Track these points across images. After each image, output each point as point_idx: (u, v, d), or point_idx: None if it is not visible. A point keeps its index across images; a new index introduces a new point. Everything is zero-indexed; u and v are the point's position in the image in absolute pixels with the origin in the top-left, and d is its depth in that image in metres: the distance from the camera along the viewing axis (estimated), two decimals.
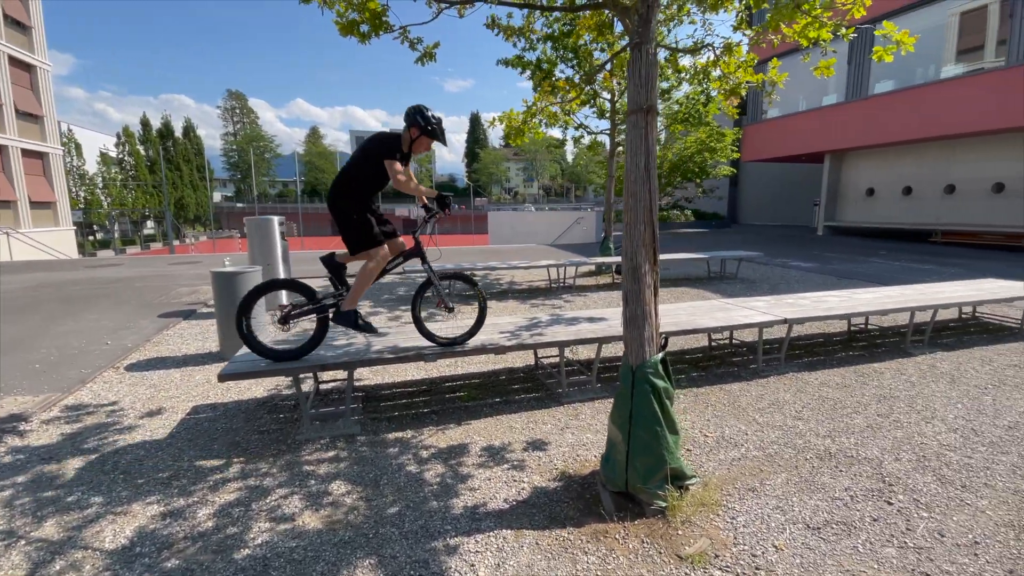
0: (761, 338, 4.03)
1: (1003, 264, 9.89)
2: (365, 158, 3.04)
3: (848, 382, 3.77)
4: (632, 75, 2.14)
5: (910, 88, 12.86)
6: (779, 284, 7.93)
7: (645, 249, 2.21)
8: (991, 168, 12.27)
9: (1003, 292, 5.03)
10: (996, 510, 2.24)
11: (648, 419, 2.19)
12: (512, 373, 4.08)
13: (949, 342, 4.73)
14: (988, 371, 3.98)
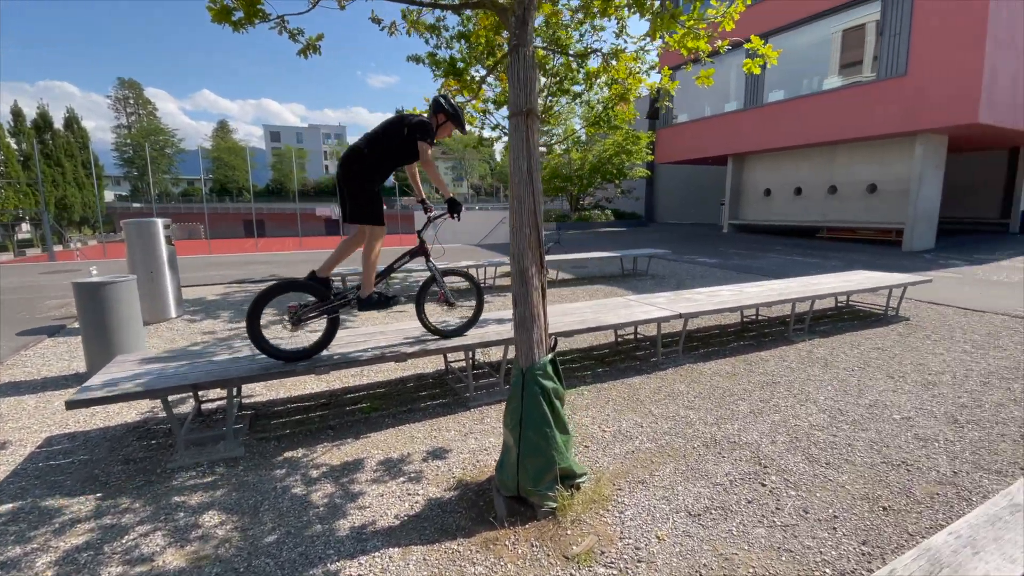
0: (660, 333, 4.22)
1: (875, 256, 11.17)
2: (399, 135, 3.05)
3: (737, 370, 4.05)
4: (511, 77, 2.12)
5: (797, 98, 14.16)
6: (685, 279, 8.41)
7: (531, 252, 2.20)
8: (866, 171, 13.81)
9: (870, 282, 5.64)
10: (854, 484, 2.47)
11: (538, 420, 2.18)
12: (421, 379, 3.97)
13: (826, 329, 5.23)
14: (856, 354, 4.43)
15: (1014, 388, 3.61)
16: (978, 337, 4.88)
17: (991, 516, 1.50)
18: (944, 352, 4.44)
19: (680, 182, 24.41)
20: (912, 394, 3.53)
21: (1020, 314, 5.76)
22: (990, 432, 2.96)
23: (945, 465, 2.61)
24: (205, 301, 7.19)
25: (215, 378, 2.76)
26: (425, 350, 3.28)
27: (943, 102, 10.84)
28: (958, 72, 10.52)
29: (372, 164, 3.04)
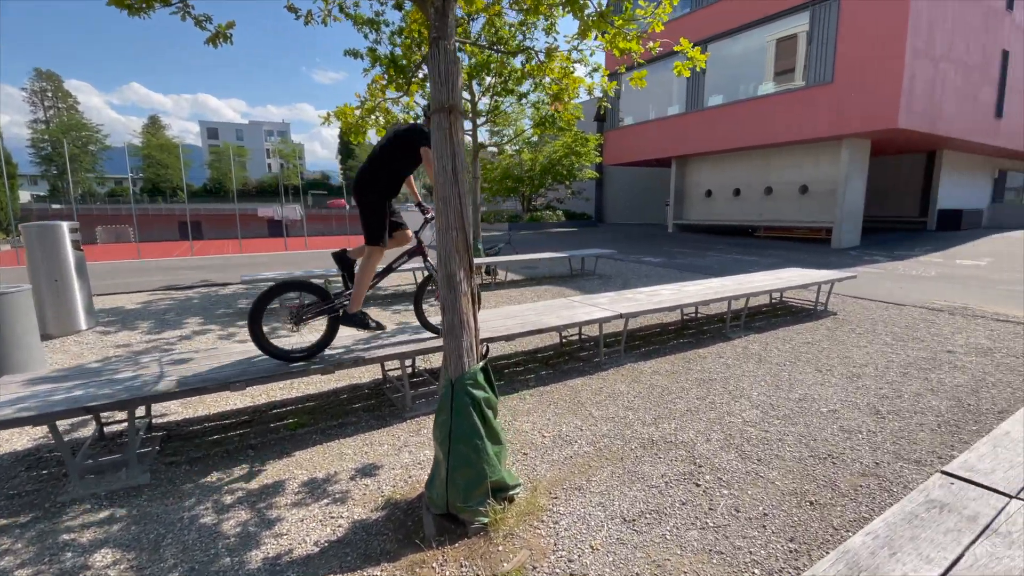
0: (602, 333, 4.22)
1: (807, 254, 11.80)
2: (402, 148, 3.15)
3: (676, 368, 4.10)
4: (432, 72, 2.01)
5: (735, 103, 14.79)
6: (631, 279, 8.55)
7: (459, 255, 2.10)
8: (798, 173, 14.60)
9: (801, 279, 5.90)
10: (783, 479, 2.51)
11: (468, 432, 2.08)
12: (356, 390, 3.77)
13: (761, 325, 5.42)
14: (788, 349, 4.60)
15: (931, 378, 3.84)
16: (898, 329, 5.20)
17: (908, 514, 1.53)
18: (867, 345, 4.68)
19: (628, 183, 25.00)
20: (838, 387, 3.68)
21: (936, 307, 6.19)
22: (909, 422, 3.12)
23: (868, 456, 2.71)
24: (123, 311, 6.62)
25: (114, 399, 2.48)
26: (356, 359, 3.11)
27: (866, 108, 11.59)
28: (880, 80, 11.28)
29: (384, 183, 3.17)
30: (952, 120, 12.71)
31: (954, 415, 3.19)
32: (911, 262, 10.28)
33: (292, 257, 13.77)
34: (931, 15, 11.31)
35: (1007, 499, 1.58)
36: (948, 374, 3.90)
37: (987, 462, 1.80)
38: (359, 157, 67.81)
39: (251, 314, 2.84)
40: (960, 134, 13.21)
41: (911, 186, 17.32)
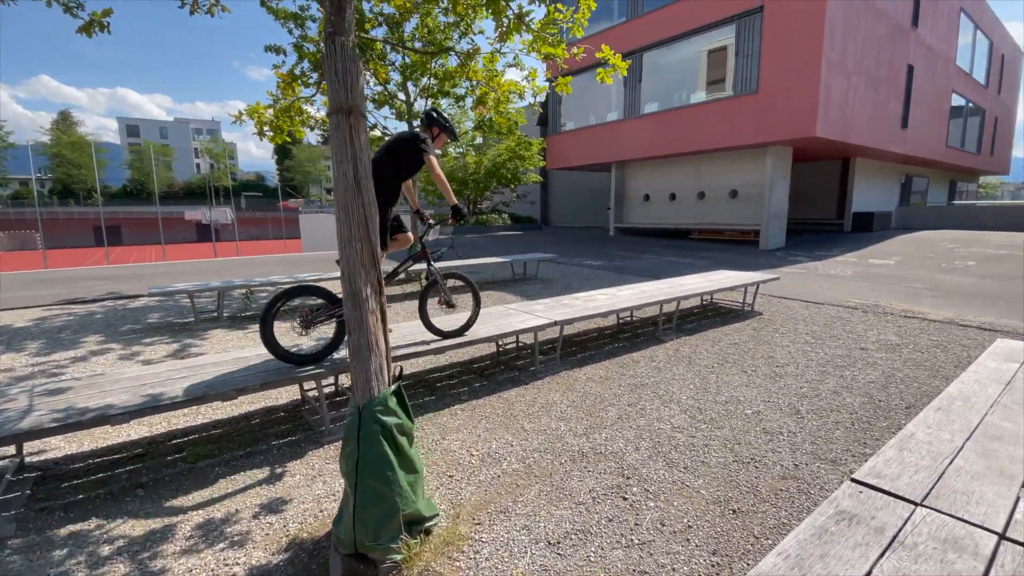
0: (537, 341, 4.15)
1: (737, 255, 12.37)
2: (403, 155, 3.32)
3: (610, 374, 4.09)
4: (328, 70, 1.84)
5: (669, 110, 15.33)
6: (572, 282, 8.60)
7: (365, 270, 1.93)
8: (729, 178, 15.32)
9: (729, 282, 6.11)
10: (708, 488, 2.51)
11: (378, 463, 1.91)
12: (270, 414, 3.49)
13: (692, 327, 5.56)
14: (716, 351, 4.72)
15: (846, 376, 4.03)
16: (817, 328, 5.47)
17: (818, 528, 1.52)
18: (789, 344, 4.89)
19: (572, 187, 25.41)
20: (762, 387, 3.79)
21: (851, 305, 6.60)
22: (826, 420, 3.23)
23: (788, 458, 2.77)
24: (11, 329, 5.87)
25: None
26: (265, 383, 2.85)
27: (788, 118, 12.32)
28: (799, 91, 12.02)
29: (386, 188, 3.24)
30: (863, 130, 13.76)
31: (866, 412, 3.35)
32: (830, 262, 10.98)
33: (220, 265, 12.87)
34: (844, 31, 12.18)
35: (912, 507, 1.61)
36: (861, 371, 4.12)
37: (894, 467, 1.85)
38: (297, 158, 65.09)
39: (262, 319, 2.92)
40: (871, 143, 14.33)
41: (829, 190, 18.63)
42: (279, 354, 3.00)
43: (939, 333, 5.21)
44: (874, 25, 13.39)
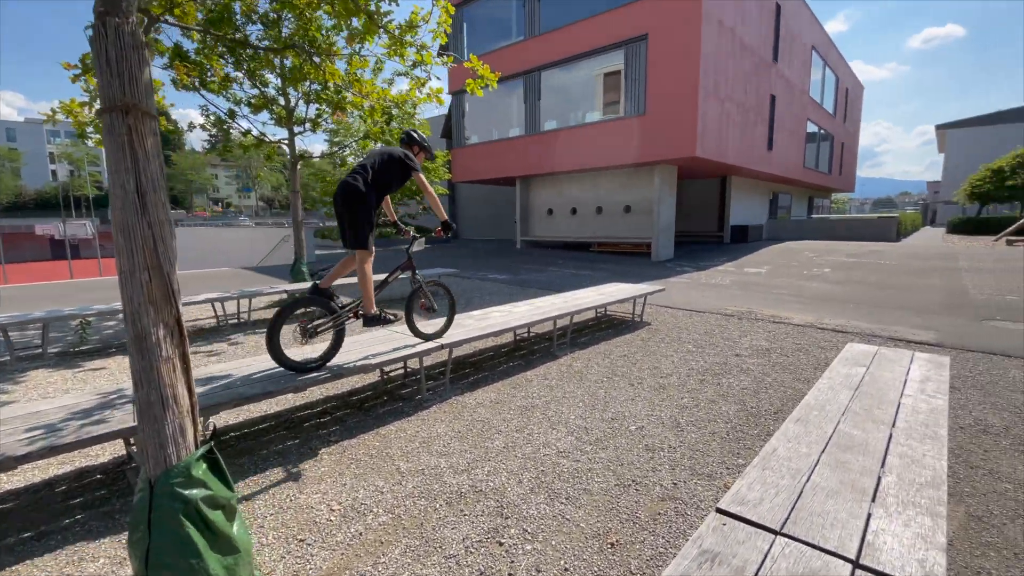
0: (423, 367, 3.86)
1: (631, 267, 12.99)
2: (393, 169, 3.50)
3: (502, 397, 3.91)
4: (97, 59, 1.44)
5: (567, 128, 15.88)
6: (473, 297, 8.41)
7: (155, 307, 1.53)
8: (623, 194, 16.16)
9: (620, 294, 6.25)
10: (588, 519, 2.37)
11: (177, 550, 1.51)
12: (84, 477, 2.83)
13: (585, 340, 5.58)
14: (606, 364, 4.73)
15: (722, 383, 4.20)
16: (698, 336, 5.75)
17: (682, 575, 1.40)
18: (673, 354, 5.05)
19: (482, 200, 25.44)
20: (647, 400, 3.82)
21: (728, 312, 7.07)
22: (704, 432, 3.29)
23: (667, 477, 2.74)
24: None
25: None
26: (76, 441, 2.27)
27: (671, 139, 13.25)
28: (681, 115, 12.98)
29: (375, 197, 3.43)
30: (736, 151, 15.22)
31: (740, 420, 3.47)
32: (712, 271, 11.88)
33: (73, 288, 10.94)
34: (716, 62, 13.41)
35: (772, 536, 1.56)
36: (736, 378, 4.33)
37: (756, 490, 1.81)
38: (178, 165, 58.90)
39: (268, 332, 3.05)
40: (743, 163, 15.88)
41: (711, 206, 20.42)
42: (284, 364, 3.16)
43: (801, 337, 5.70)
44: (741, 59, 14.93)
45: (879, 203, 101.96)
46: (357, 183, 3.34)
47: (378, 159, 3.48)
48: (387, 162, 3.50)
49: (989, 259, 12.02)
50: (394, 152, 3.56)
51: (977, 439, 3.16)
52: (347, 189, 3.33)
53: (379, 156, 3.51)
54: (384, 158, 3.51)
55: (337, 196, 3.37)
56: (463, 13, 18.51)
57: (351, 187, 3.33)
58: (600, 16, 14.43)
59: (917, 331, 5.89)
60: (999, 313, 6.80)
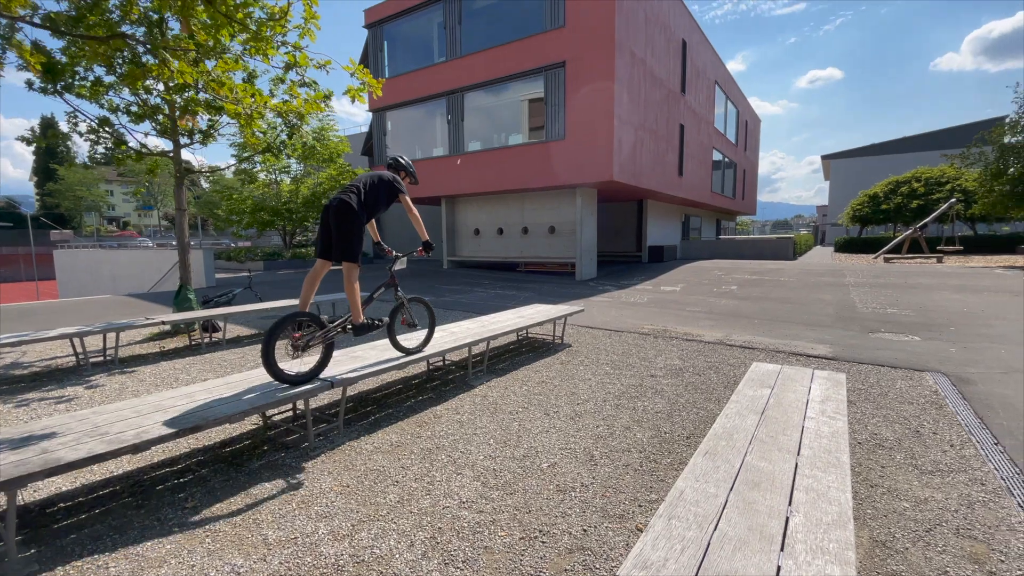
0: (309, 409, 3.39)
1: (556, 286, 13.06)
2: (383, 191, 3.76)
3: (404, 439, 3.52)
4: None
5: (491, 150, 15.90)
6: None
7: None
8: (547, 215, 16.37)
9: (539, 316, 6.09)
10: None
11: None
12: None
13: (504, 366, 5.32)
14: (523, 392, 4.49)
15: (637, 408, 4.08)
16: (616, 357, 5.69)
17: None
18: (591, 376, 4.92)
19: (403, 220, 24.81)
20: (561, 431, 3.60)
21: (644, 331, 7.14)
22: (617, 465, 3.10)
23: (577, 523, 2.50)
24: None
25: None
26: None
27: (590, 163, 13.61)
28: (598, 140, 13.39)
29: (366, 215, 3.62)
30: (650, 176, 15.96)
31: (654, 448, 3.33)
32: (631, 290, 12.19)
33: None
34: (630, 91, 14.05)
35: None
36: (651, 400, 4.24)
37: (661, 548, 1.59)
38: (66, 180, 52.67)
39: (264, 347, 3.16)
40: (656, 187, 16.69)
41: (630, 227, 21.28)
42: (279, 376, 3.28)
43: (712, 354, 5.82)
44: (653, 90, 15.81)
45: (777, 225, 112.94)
46: (351, 201, 3.51)
47: (368, 181, 3.71)
48: (377, 184, 3.73)
49: (870, 275, 13.34)
50: (384, 175, 3.84)
51: (874, 455, 3.23)
52: (341, 206, 3.48)
53: (370, 179, 3.74)
54: (375, 180, 3.74)
55: (329, 211, 3.51)
56: (382, 31, 18.19)
57: (345, 204, 3.48)
58: (520, 42, 14.70)
59: (815, 345, 6.22)
60: (883, 326, 7.41)
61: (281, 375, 3.29)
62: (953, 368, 5.17)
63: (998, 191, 15.11)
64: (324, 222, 3.58)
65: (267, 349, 3.18)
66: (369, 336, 4.98)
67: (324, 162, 19.05)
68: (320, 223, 3.63)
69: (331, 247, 3.59)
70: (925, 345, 6.19)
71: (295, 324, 3.44)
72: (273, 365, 3.22)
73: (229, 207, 17.99)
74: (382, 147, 18.63)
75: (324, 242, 3.60)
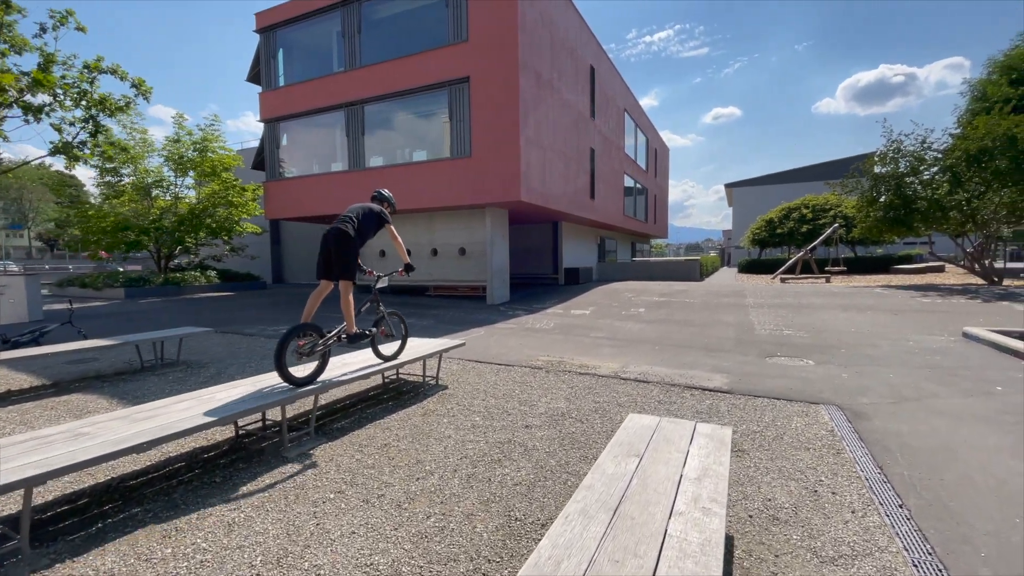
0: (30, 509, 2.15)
1: (465, 312, 12.13)
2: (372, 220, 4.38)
3: (139, 570, 2.35)
4: None
5: (394, 166, 14.86)
6: (230, 366, 6.52)
7: None
8: (457, 236, 15.51)
9: (408, 354, 5.10)
10: None
11: None
12: None
13: (348, 424, 4.24)
14: (353, 462, 3.45)
15: (494, 479, 3.19)
16: (494, 401, 4.82)
17: None
18: (452, 434, 3.98)
19: (310, 238, 22.91)
20: (375, 531, 2.61)
21: (537, 364, 6.37)
22: None
23: None
24: None
25: None
26: None
27: (497, 182, 12.98)
28: (505, 160, 12.81)
29: (359, 243, 4.22)
30: (561, 198, 15.66)
31: (493, 550, 2.44)
32: (541, 314, 11.54)
33: None
34: (536, 112, 13.68)
35: None
36: (514, 465, 3.38)
37: None
38: None
39: (276, 353, 3.64)
40: (568, 209, 16.43)
41: (547, 249, 20.98)
42: (288, 378, 3.72)
43: (603, 391, 5.12)
44: (561, 112, 15.63)
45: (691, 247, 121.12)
46: (348, 229, 4.09)
47: (361, 213, 4.28)
48: (367, 215, 4.32)
49: (769, 295, 13.71)
50: (373, 207, 4.43)
51: (767, 533, 2.55)
52: (341, 234, 4.06)
53: (361, 210, 4.31)
54: (366, 211, 4.34)
55: (330, 239, 4.07)
56: (276, 37, 16.74)
57: (344, 233, 4.07)
58: (423, 55, 13.95)
59: (712, 376, 5.74)
60: (779, 349, 7.19)
61: (290, 378, 3.74)
62: (847, 399, 4.81)
63: (873, 216, 16.34)
64: (325, 248, 4.11)
65: (279, 355, 3.64)
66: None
67: (207, 176, 16.98)
68: (321, 249, 4.14)
69: (330, 269, 4.13)
70: (818, 371, 5.92)
71: (300, 334, 3.84)
72: (284, 369, 3.67)
73: (85, 227, 15.36)
74: (275, 161, 16.96)
75: (323, 265, 4.15)
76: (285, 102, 16.56)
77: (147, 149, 16.59)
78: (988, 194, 14.19)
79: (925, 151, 15.42)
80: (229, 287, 18.01)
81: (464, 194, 13.57)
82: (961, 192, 14.40)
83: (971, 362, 6.18)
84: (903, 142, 15.76)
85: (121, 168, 16.79)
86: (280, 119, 16.78)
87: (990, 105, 17.14)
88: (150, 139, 16.92)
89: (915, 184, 15.65)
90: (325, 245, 4.10)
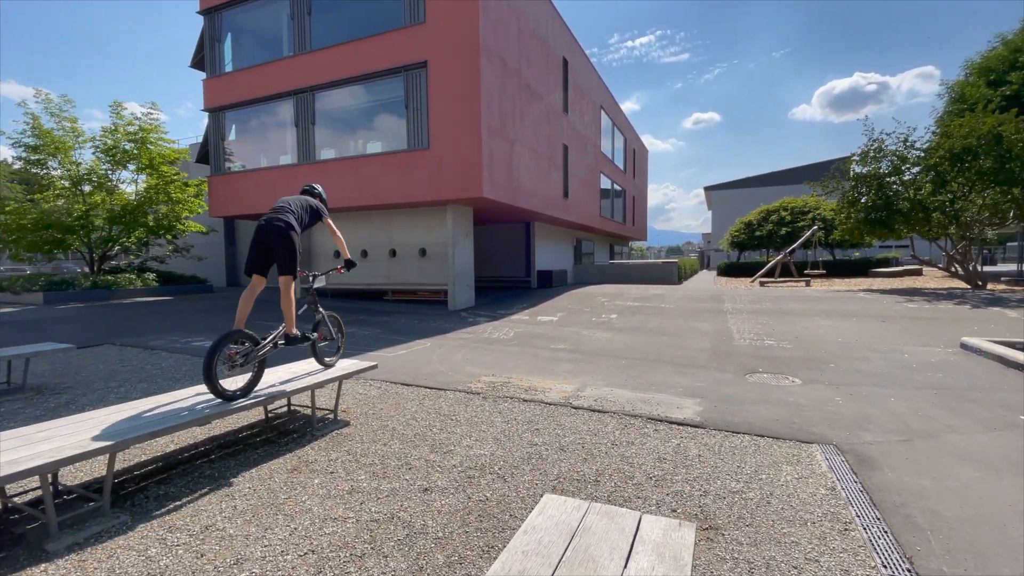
0: None
1: (422, 319, 10.98)
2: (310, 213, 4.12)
3: None
4: None
5: (346, 158, 13.63)
6: (93, 391, 5.28)
7: None
8: (417, 236, 14.36)
9: (304, 381, 3.97)
10: None
11: None
12: None
13: (176, 487, 3.08)
14: (138, 568, 2.31)
15: None
16: (397, 447, 3.70)
17: None
18: (317, 504, 2.85)
19: None
20: None
21: (476, 388, 5.28)
22: None
23: None
24: None
25: None
26: None
27: (458, 177, 11.87)
28: (465, 152, 11.71)
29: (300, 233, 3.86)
30: (530, 196, 14.60)
31: None
32: (503, 321, 10.47)
33: None
34: (501, 101, 12.60)
35: None
36: (382, 565, 2.28)
37: None
38: None
39: (205, 363, 3.24)
40: (539, 208, 15.39)
41: (518, 250, 19.90)
42: (218, 393, 3.35)
43: (545, 428, 4.04)
44: (530, 104, 14.58)
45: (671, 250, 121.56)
46: (290, 221, 3.80)
47: (298, 205, 4.03)
48: (305, 208, 4.09)
49: (748, 300, 12.85)
50: (310, 201, 4.20)
51: None
52: (282, 226, 3.74)
53: (298, 202, 4.07)
54: (304, 204, 4.10)
55: (270, 232, 3.72)
56: (222, 18, 15.38)
57: (285, 224, 3.76)
58: (376, 38, 12.77)
59: (683, 401, 4.73)
60: (761, 364, 6.23)
61: (220, 391, 3.34)
62: (845, 435, 3.83)
63: (854, 218, 15.69)
64: (258, 241, 3.75)
65: (207, 365, 3.24)
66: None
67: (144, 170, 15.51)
68: (253, 243, 3.77)
69: (264, 264, 3.80)
70: (807, 393, 4.95)
71: (233, 340, 3.53)
72: (213, 381, 3.29)
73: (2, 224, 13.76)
74: (220, 153, 15.56)
75: (258, 260, 3.78)
76: (231, 89, 15.20)
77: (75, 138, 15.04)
78: (972, 195, 13.61)
79: (908, 150, 14.81)
80: (169, 291, 16.48)
81: (422, 189, 12.43)
82: (945, 193, 13.80)
83: (978, 381, 5.29)
84: (884, 141, 15.13)
85: (48, 160, 15.20)
86: (226, 108, 15.40)
87: (968, 106, 16.68)
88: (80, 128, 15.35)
89: (896, 184, 15.03)
90: (261, 238, 3.74)
